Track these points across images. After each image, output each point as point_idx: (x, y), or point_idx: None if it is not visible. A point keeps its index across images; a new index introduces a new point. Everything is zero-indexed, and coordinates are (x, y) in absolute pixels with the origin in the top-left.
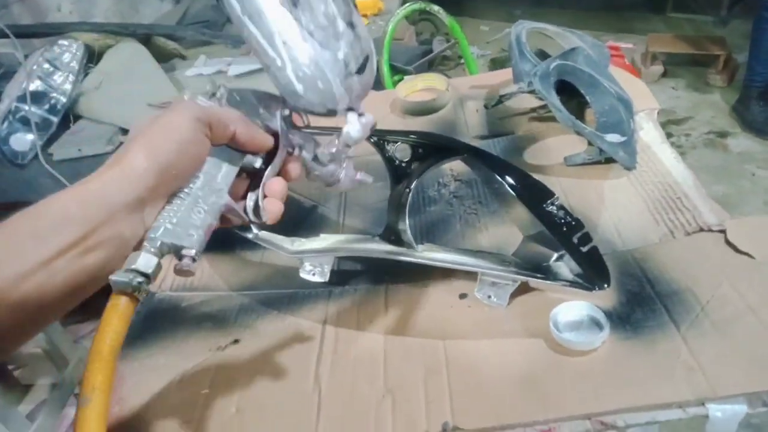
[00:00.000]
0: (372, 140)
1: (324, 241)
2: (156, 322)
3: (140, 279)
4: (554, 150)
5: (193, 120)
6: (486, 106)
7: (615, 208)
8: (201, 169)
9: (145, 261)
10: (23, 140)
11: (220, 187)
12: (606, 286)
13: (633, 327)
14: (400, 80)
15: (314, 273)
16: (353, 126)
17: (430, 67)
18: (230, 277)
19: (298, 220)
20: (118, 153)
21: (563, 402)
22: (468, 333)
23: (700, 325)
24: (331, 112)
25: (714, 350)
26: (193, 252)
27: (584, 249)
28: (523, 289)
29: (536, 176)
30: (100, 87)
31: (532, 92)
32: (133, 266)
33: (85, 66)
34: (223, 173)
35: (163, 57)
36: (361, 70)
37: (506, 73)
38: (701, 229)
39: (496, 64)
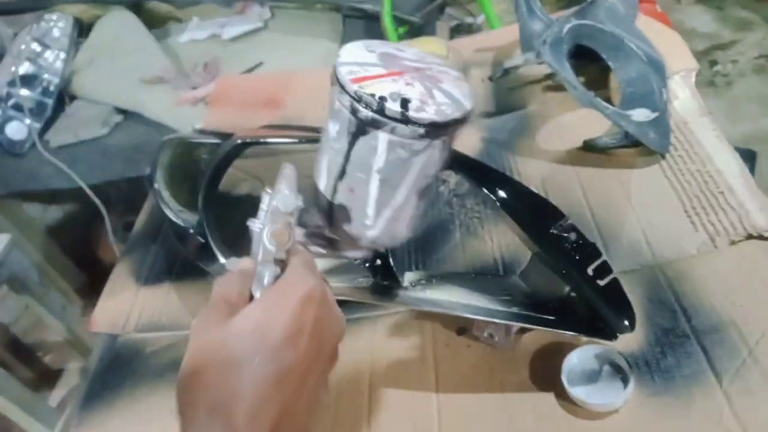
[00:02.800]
0: None
1: None
2: (117, 374)
3: None
4: (572, 129)
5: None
6: (491, 78)
7: (644, 208)
8: None
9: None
10: (19, 128)
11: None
12: (630, 329)
13: (663, 378)
14: (405, 32)
15: None
16: None
17: (442, 12)
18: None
19: None
20: None
21: None
22: (466, 381)
23: (747, 377)
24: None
25: (764, 411)
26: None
27: (602, 282)
28: None
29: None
30: (92, 63)
31: (543, 63)
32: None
33: (77, 41)
34: None
35: (158, 22)
36: None
37: (517, 31)
38: (749, 236)
39: None
